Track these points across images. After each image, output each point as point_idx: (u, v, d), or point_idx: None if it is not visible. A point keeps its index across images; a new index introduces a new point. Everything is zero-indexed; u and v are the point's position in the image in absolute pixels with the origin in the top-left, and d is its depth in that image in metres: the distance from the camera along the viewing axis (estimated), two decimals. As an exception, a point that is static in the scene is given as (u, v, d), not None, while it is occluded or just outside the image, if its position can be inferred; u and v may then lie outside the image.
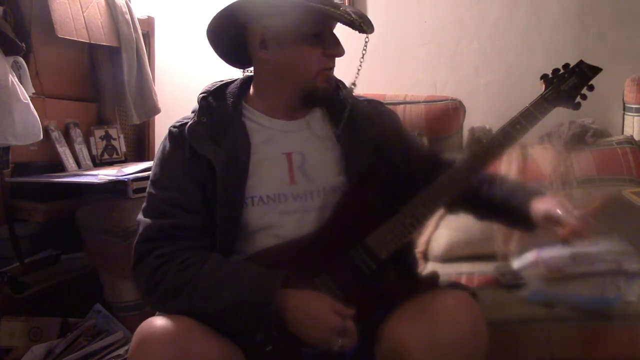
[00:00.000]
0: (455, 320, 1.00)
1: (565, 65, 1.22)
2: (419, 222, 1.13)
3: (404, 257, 1.21)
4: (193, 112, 1.23)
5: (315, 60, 1.17)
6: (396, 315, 1.06)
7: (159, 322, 1.02)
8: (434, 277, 1.22)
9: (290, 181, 1.18)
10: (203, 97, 1.24)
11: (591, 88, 1.23)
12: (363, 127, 1.24)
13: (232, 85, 1.28)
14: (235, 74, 1.32)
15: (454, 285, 1.26)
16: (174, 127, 1.22)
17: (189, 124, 1.19)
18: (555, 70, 1.23)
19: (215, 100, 1.23)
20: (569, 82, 1.22)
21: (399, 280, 1.18)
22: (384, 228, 1.12)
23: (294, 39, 1.15)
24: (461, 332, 0.98)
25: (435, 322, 0.99)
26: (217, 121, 1.20)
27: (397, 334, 1.02)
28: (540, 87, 1.26)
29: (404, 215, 1.12)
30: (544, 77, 1.23)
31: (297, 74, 1.19)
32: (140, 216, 1.18)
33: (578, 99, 1.23)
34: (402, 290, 1.13)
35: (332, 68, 1.19)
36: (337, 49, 1.17)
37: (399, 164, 1.23)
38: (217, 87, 1.27)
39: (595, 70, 1.22)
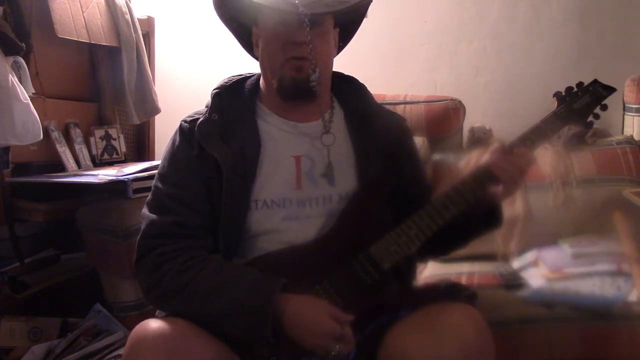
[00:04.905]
0: (461, 335, 0.98)
1: (579, 84, 1.19)
2: (424, 233, 1.10)
3: (405, 267, 1.20)
4: (207, 106, 1.22)
5: (278, 49, 1.15)
6: (402, 326, 1.05)
7: (152, 325, 1.02)
8: (435, 289, 1.21)
9: (296, 186, 1.17)
10: (216, 93, 1.23)
11: (604, 108, 1.19)
12: (381, 137, 1.22)
13: (249, 82, 1.27)
14: (237, 72, 1.31)
15: (454, 285, 1.26)
16: (185, 121, 1.22)
17: (199, 120, 1.19)
18: (569, 89, 1.19)
19: (228, 97, 1.23)
20: (582, 101, 1.18)
21: (400, 290, 1.16)
22: (388, 238, 1.10)
23: (263, 32, 1.19)
24: (467, 347, 0.97)
25: (441, 336, 0.98)
26: (228, 119, 1.19)
27: (402, 344, 1.01)
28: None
29: (409, 227, 1.10)
30: (557, 94, 1.20)
31: (268, 66, 1.19)
32: (144, 210, 1.17)
33: (590, 118, 1.19)
34: (403, 301, 1.13)
35: (301, 57, 1.13)
36: (292, 36, 1.12)
37: (406, 180, 1.22)
38: (234, 82, 1.26)
39: (610, 89, 1.19)
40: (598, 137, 1.90)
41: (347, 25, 1.27)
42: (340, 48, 1.29)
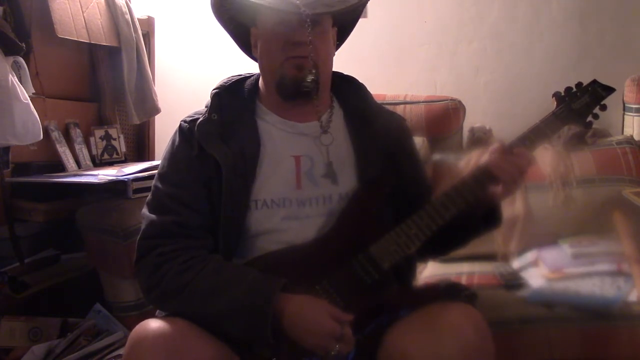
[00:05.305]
0: (461, 335, 0.98)
1: (578, 84, 1.19)
2: (424, 233, 1.10)
3: (405, 267, 1.19)
4: (206, 106, 1.23)
5: (278, 49, 1.15)
6: (401, 326, 1.05)
7: (152, 324, 1.02)
8: (435, 289, 1.21)
9: (296, 186, 1.17)
10: (216, 93, 1.23)
11: (603, 108, 1.19)
12: (381, 137, 1.22)
13: (248, 81, 1.27)
14: (237, 72, 1.31)
15: (454, 285, 1.26)
16: (185, 121, 1.22)
17: (199, 120, 1.19)
18: (568, 89, 1.19)
19: (228, 97, 1.23)
20: (581, 101, 1.18)
21: (400, 290, 1.17)
22: (388, 238, 1.10)
23: (263, 32, 1.19)
24: (467, 347, 0.97)
25: (441, 336, 0.98)
26: (228, 119, 1.19)
27: (402, 344, 1.01)
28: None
29: (409, 227, 1.10)
30: (556, 94, 1.19)
31: (268, 66, 1.19)
32: (144, 210, 1.18)
33: (589, 118, 1.19)
34: (403, 301, 1.13)
35: (301, 56, 1.13)
36: (293, 36, 1.12)
37: (406, 180, 1.22)
38: (233, 82, 1.26)
39: (609, 90, 1.19)
40: (598, 137, 1.90)
41: (345, 24, 1.27)
42: (337, 47, 1.30)
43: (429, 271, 1.72)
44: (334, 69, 1.26)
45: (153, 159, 2.32)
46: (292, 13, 1.10)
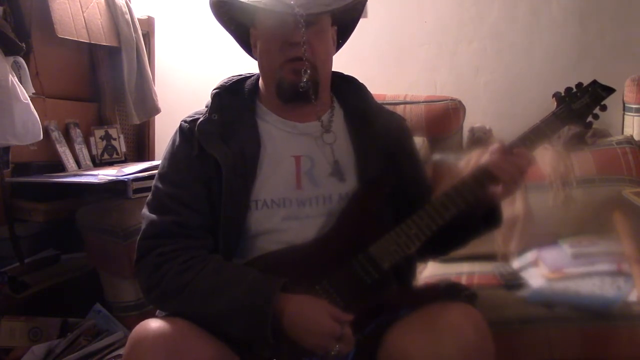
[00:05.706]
0: (461, 335, 0.98)
1: (578, 85, 1.20)
2: (424, 233, 1.10)
3: (405, 267, 1.19)
4: (206, 106, 1.23)
5: (276, 49, 1.15)
6: (401, 326, 1.05)
7: (153, 324, 1.02)
8: (435, 289, 1.21)
9: (296, 186, 1.17)
10: (216, 93, 1.23)
11: (604, 108, 1.19)
12: (381, 137, 1.22)
13: (249, 82, 1.27)
14: (237, 72, 1.31)
15: (454, 285, 1.26)
16: (185, 121, 1.22)
17: (199, 120, 1.19)
18: (568, 89, 1.20)
19: (228, 97, 1.23)
20: (581, 102, 1.18)
21: (400, 290, 1.17)
22: (388, 238, 1.10)
23: (261, 33, 1.19)
24: (466, 346, 0.97)
25: (441, 336, 0.98)
26: (228, 119, 1.20)
27: (402, 344, 1.01)
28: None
29: (409, 227, 1.10)
30: (556, 95, 1.20)
31: (267, 67, 1.20)
32: (145, 210, 1.18)
33: (589, 119, 1.19)
34: (403, 300, 1.13)
35: (298, 58, 1.13)
36: (290, 37, 1.12)
37: (406, 180, 1.22)
38: (233, 82, 1.27)
39: (609, 90, 1.19)
40: (598, 137, 1.90)
41: (345, 23, 1.27)
42: (339, 46, 1.29)
43: (429, 271, 1.72)
44: (334, 69, 1.26)
45: (153, 159, 2.32)
46: (287, 14, 1.10)
